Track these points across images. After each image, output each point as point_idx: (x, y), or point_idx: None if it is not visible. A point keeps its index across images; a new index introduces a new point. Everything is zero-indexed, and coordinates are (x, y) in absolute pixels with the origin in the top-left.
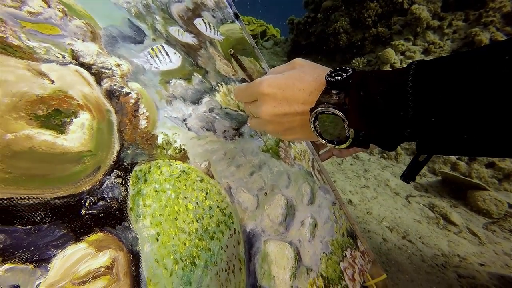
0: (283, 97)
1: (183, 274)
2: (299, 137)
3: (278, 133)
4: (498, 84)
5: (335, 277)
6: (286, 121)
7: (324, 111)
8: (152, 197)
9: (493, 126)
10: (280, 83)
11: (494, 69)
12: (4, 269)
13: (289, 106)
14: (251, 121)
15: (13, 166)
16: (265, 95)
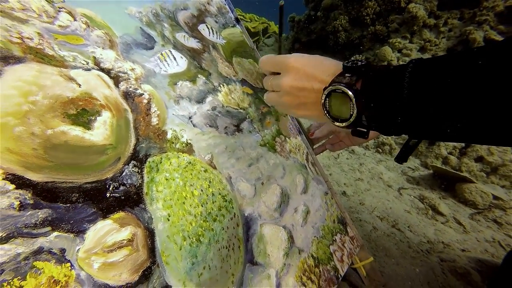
0: (305, 73)
1: (190, 249)
2: (309, 114)
3: (291, 107)
4: (472, 84)
5: (325, 258)
6: (302, 96)
7: (335, 90)
8: (163, 184)
9: (469, 116)
10: (305, 61)
11: (470, 71)
12: (54, 235)
13: (308, 82)
14: (269, 95)
15: (53, 156)
16: (290, 67)
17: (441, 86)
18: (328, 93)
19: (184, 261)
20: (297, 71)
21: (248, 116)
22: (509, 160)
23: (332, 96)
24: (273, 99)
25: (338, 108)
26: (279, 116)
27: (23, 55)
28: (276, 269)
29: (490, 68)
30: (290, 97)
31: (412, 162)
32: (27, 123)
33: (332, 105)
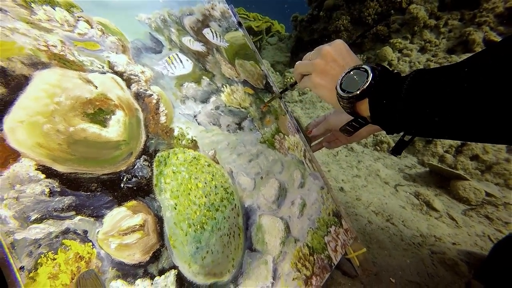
0: (342, 53)
1: (195, 235)
2: (323, 84)
3: (316, 70)
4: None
5: (319, 248)
6: (330, 66)
7: (358, 67)
8: (171, 176)
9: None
10: (347, 49)
11: (456, 79)
12: (78, 219)
13: (342, 59)
14: (305, 56)
15: (75, 150)
16: (336, 44)
17: (433, 90)
18: (350, 69)
19: (189, 245)
20: (340, 49)
21: (249, 115)
22: (503, 158)
23: (352, 73)
24: (306, 60)
25: (352, 85)
26: (278, 115)
27: (49, 61)
28: (273, 256)
29: (472, 75)
30: (323, 61)
31: (409, 160)
32: (53, 121)
33: (347, 80)
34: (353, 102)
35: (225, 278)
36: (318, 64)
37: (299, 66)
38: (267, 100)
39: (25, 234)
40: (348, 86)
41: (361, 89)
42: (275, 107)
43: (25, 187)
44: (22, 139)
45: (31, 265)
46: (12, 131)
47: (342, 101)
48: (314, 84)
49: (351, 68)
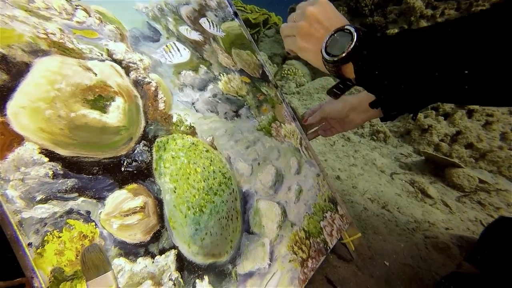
0: (328, 14)
1: (194, 217)
2: (308, 47)
3: (300, 34)
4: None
5: (315, 232)
6: (315, 27)
7: (344, 29)
8: (170, 161)
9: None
10: (334, 10)
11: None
12: (81, 200)
13: (326, 21)
14: (289, 17)
15: (77, 135)
16: (321, 2)
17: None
18: (334, 31)
19: (189, 227)
20: (325, 9)
21: (246, 103)
22: (496, 146)
23: (337, 34)
24: (291, 22)
25: (336, 47)
26: (275, 104)
27: (48, 48)
28: (270, 239)
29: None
30: (306, 23)
31: (405, 149)
32: (54, 107)
33: (332, 42)
34: (338, 65)
35: (224, 258)
36: (302, 27)
37: (284, 29)
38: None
39: (32, 213)
40: (332, 49)
41: (345, 52)
42: (271, 96)
43: (30, 170)
44: (25, 124)
45: (38, 242)
46: (15, 116)
47: (328, 65)
48: (299, 47)
49: (336, 30)
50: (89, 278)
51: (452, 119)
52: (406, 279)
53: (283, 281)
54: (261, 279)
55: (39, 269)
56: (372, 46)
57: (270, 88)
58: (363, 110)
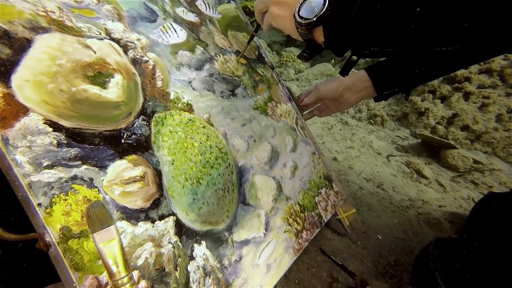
0: None
1: (191, 188)
2: (281, 14)
3: (273, 1)
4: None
5: (310, 206)
6: None
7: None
8: (168, 135)
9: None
10: None
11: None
12: (84, 168)
13: None
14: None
15: (78, 108)
16: None
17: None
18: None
19: (186, 196)
20: None
21: (242, 83)
22: (492, 127)
23: (308, 0)
24: None
25: (306, 10)
26: (271, 84)
27: (48, 26)
28: (265, 211)
29: None
30: None
31: (402, 132)
32: (56, 81)
33: (304, 8)
34: (310, 29)
35: (220, 226)
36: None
37: (258, 4)
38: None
39: (39, 177)
40: (305, 13)
41: (317, 15)
42: (267, 76)
43: (36, 138)
44: (29, 96)
45: (47, 203)
46: (20, 88)
47: (300, 28)
48: (273, 15)
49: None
50: (94, 231)
51: (448, 102)
52: (397, 251)
53: (278, 249)
54: (256, 247)
55: (49, 226)
56: (342, 10)
57: (266, 69)
58: (357, 90)
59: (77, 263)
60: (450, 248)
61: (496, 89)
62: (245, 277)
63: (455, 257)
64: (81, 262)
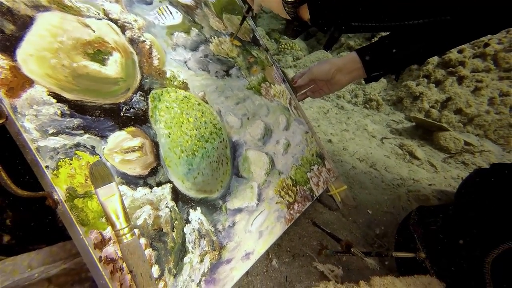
0: None
1: (187, 159)
2: None
3: None
4: None
5: (302, 181)
6: None
7: None
8: (164, 110)
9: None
10: None
11: None
12: (86, 136)
13: None
14: None
15: (79, 82)
16: None
17: None
18: None
19: (182, 166)
20: None
21: (237, 64)
22: (484, 111)
23: None
24: None
25: None
26: (265, 66)
27: (49, 4)
28: (258, 183)
29: None
30: None
31: (397, 116)
32: (58, 57)
33: None
34: (296, 7)
35: (214, 195)
36: None
37: None
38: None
39: (46, 143)
40: None
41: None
42: (261, 58)
43: (41, 108)
44: (34, 69)
45: (53, 166)
46: (25, 62)
47: (287, 7)
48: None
49: None
50: (97, 186)
51: (442, 86)
52: (386, 224)
53: (270, 218)
54: (249, 215)
55: (56, 186)
56: None
57: (261, 51)
58: (348, 71)
59: (82, 219)
60: (429, 214)
61: (490, 73)
62: (238, 241)
63: (432, 220)
64: (86, 218)
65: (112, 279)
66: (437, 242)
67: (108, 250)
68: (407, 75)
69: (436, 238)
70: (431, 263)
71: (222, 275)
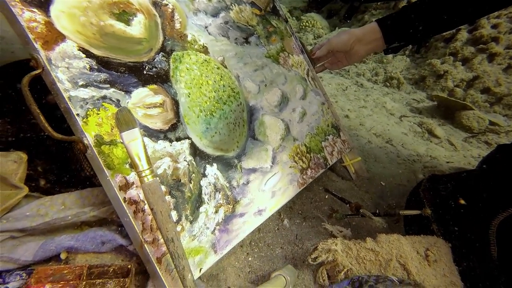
0: None
1: (205, 118)
2: None
3: None
4: None
5: (316, 149)
6: None
7: None
8: (185, 72)
9: None
10: None
11: None
12: (112, 90)
13: None
14: None
15: (106, 40)
16: None
17: None
18: None
19: (201, 125)
20: None
21: (256, 32)
22: None
23: None
24: None
25: None
26: (284, 36)
27: None
28: (273, 147)
29: None
30: None
31: (418, 95)
32: (87, 15)
33: None
34: None
35: (230, 154)
36: None
37: None
38: None
39: (76, 93)
40: None
41: None
42: (281, 28)
43: (72, 61)
44: (65, 25)
45: (83, 114)
46: (57, 18)
47: None
48: None
49: None
50: (122, 130)
51: (470, 64)
52: (398, 195)
53: (283, 181)
54: (263, 175)
55: (86, 132)
56: None
57: (280, 21)
58: (367, 42)
59: (109, 163)
60: (440, 181)
61: None
62: (251, 198)
63: (443, 186)
64: (112, 163)
65: (135, 218)
66: (445, 205)
67: (131, 193)
68: (431, 53)
69: (445, 202)
70: (438, 225)
71: (235, 227)
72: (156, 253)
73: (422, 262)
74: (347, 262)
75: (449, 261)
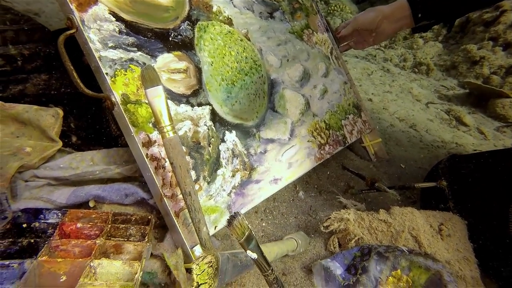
0: None
1: (226, 87)
2: None
3: None
4: None
5: (336, 126)
6: None
7: None
8: (209, 41)
9: None
10: None
11: None
12: (139, 53)
13: None
14: None
15: (135, 7)
16: None
17: None
18: None
19: (222, 93)
20: None
21: (281, 8)
22: None
23: None
24: None
25: None
26: (309, 13)
27: None
28: (292, 120)
29: None
30: None
31: (448, 82)
32: None
33: None
34: None
35: (250, 123)
36: None
37: None
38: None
39: (106, 54)
40: None
41: None
42: (306, 5)
43: (103, 24)
44: None
45: (112, 73)
46: None
47: None
48: None
49: None
50: (146, 87)
51: None
52: (418, 178)
53: (300, 153)
54: (280, 146)
55: (114, 90)
56: None
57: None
58: (395, 20)
59: (133, 121)
60: (461, 160)
61: None
62: (268, 166)
63: (464, 165)
64: (136, 121)
65: (156, 173)
66: (464, 183)
67: (153, 150)
68: (468, 38)
69: (464, 181)
70: (455, 202)
71: (250, 192)
72: (174, 207)
73: (435, 235)
74: (359, 231)
75: (464, 237)
